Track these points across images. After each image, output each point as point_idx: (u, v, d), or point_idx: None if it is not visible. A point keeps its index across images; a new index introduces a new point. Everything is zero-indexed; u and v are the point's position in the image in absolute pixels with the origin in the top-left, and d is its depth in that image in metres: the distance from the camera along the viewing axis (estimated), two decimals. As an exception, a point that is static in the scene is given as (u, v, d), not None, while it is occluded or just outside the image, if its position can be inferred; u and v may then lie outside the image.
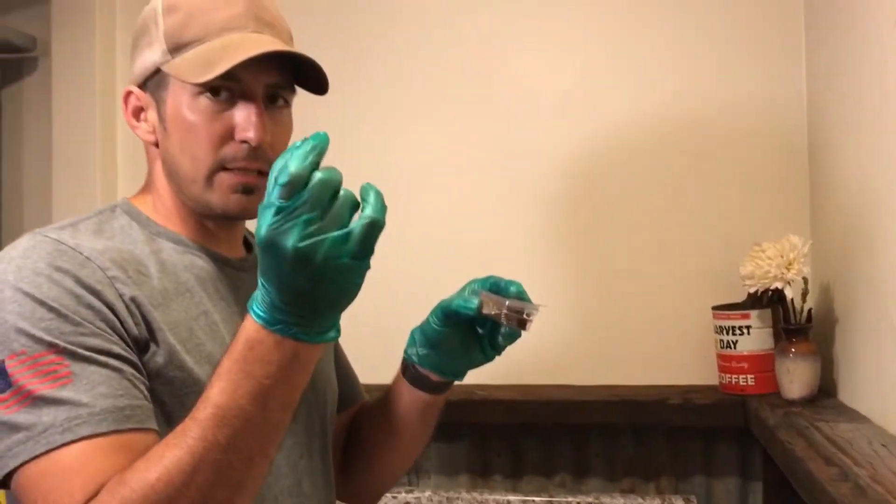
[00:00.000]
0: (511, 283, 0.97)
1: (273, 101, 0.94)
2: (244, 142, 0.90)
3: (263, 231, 0.70)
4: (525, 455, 1.75)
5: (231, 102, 0.90)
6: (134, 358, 0.82)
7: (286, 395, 0.76)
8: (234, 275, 0.98)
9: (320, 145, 0.71)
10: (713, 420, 1.57)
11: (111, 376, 0.79)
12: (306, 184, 0.69)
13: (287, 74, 0.93)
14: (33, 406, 0.76)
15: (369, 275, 0.74)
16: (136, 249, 0.91)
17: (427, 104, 1.80)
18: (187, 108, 0.90)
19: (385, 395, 1.09)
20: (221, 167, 0.90)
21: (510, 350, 1.67)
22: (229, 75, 0.87)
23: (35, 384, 0.76)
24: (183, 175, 0.92)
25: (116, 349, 0.81)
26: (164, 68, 0.91)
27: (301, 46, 0.95)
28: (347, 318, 0.79)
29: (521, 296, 0.96)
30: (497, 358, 1.05)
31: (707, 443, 1.67)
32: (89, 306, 0.81)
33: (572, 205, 1.74)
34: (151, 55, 0.93)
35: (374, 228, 0.71)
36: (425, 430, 1.09)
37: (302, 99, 0.99)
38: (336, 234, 0.70)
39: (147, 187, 0.99)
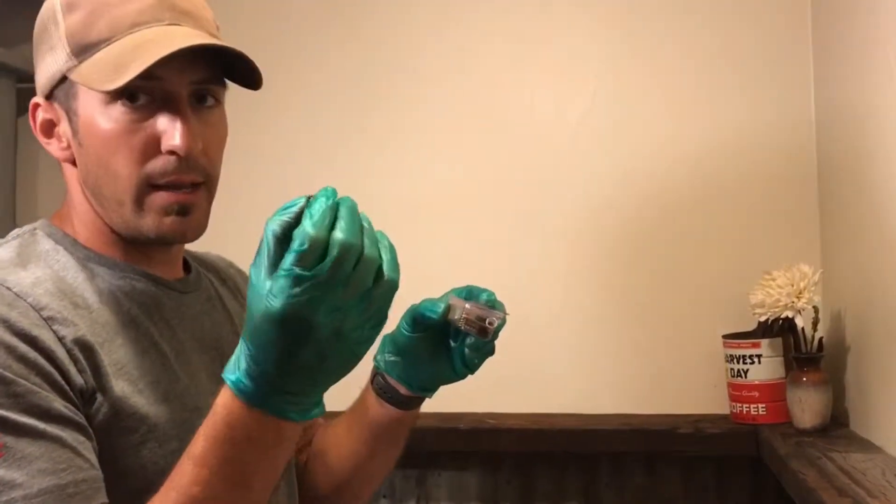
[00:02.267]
0: (483, 290, 0.89)
1: (201, 101, 0.82)
2: (172, 152, 0.78)
3: (282, 303, 0.60)
4: (535, 483, 1.74)
5: (152, 108, 0.78)
6: (77, 416, 0.71)
7: (270, 476, 0.69)
8: (177, 299, 0.87)
9: (337, 202, 0.63)
10: (724, 449, 1.56)
11: (49, 448, 0.67)
12: (326, 248, 0.60)
13: (215, 68, 0.81)
14: None
15: None
16: (68, 277, 0.79)
17: (441, 135, 1.81)
18: (102, 118, 0.78)
19: (351, 409, 1.00)
20: (149, 185, 0.79)
21: (520, 378, 1.69)
22: (146, 76, 0.74)
23: None
24: (108, 196, 0.80)
25: (56, 409, 0.69)
26: (71, 75, 0.79)
27: (319, 77, 0.89)
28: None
29: (492, 304, 0.88)
30: (506, 386, 0.99)
31: (719, 472, 1.66)
32: (22, 359, 0.69)
33: (583, 234, 1.74)
34: (55, 61, 0.80)
35: (392, 292, 0.64)
36: (392, 450, 1.00)
37: (314, 127, 0.97)
38: (360, 304, 0.62)
39: (67, 208, 0.86)
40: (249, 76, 0.82)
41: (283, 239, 0.62)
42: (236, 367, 0.65)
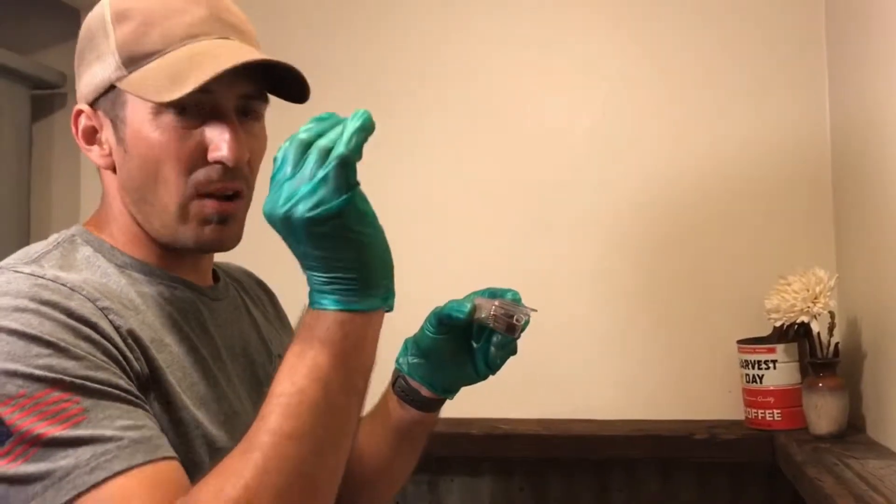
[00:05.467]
0: (507, 290, 0.91)
1: (246, 115, 0.85)
2: (218, 162, 0.81)
3: (303, 210, 0.66)
4: (548, 490, 1.73)
5: (200, 118, 0.81)
6: (141, 398, 0.73)
7: (344, 377, 0.70)
8: (211, 305, 0.90)
9: (369, 127, 0.70)
10: (739, 456, 1.55)
11: (128, 409, 0.70)
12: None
13: (260, 84, 0.84)
14: (44, 452, 0.65)
15: (396, 305, 0.74)
16: (111, 282, 0.81)
17: (454, 140, 1.81)
18: (151, 127, 0.80)
19: (370, 413, 1.00)
20: (195, 193, 0.82)
21: (533, 383, 1.68)
22: (201, 89, 0.77)
23: (42, 427, 0.66)
24: (152, 203, 0.82)
25: (123, 385, 0.71)
26: (121, 85, 0.81)
27: (331, 81, 0.91)
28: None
29: (517, 302, 0.90)
30: (519, 391, 1.01)
31: (733, 479, 1.65)
32: (88, 338, 0.71)
33: (596, 240, 1.74)
34: (103, 70, 0.82)
35: (344, 167, 0.67)
36: (413, 452, 1.01)
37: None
38: (304, 188, 0.66)
39: (104, 214, 0.88)
40: (297, 91, 0.85)
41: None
42: (312, 292, 0.70)
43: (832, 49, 1.63)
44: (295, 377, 0.69)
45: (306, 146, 0.68)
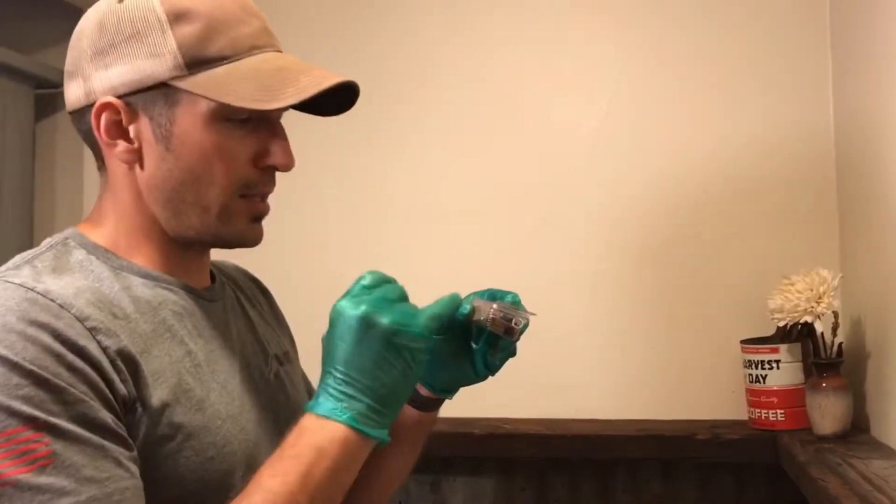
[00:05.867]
0: (507, 292, 0.91)
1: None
2: (270, 167, 0.85)
3: (361, 306, 0.76)
4: (550, 490, 1.73)
5: (251, 125, 0.84)
6: (119, 428, 0.72)
7: (331, 490, 0.76)
8: (206, 307, 0.89)
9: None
10: (743, 456, 1.55)
11: (95, 456, 0.69)
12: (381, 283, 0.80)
13: None
14: (3, 493, 0.65)
15: None
16: (104, 287, 0.80)
17: (459, 141, 1.81)
18: (206, 129, 0.81)
19: None
20: (238, 194, 0.85)
21: (535, 383, 1.68)
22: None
23: (7, 466, 0.65)
24: (190, 202, 0.83)
25: (101, 419, 0.70)
26: (181, 84, 0.81)
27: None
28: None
29: (516, 305, 0.90)
30: (522, 391, 1.00)
31: (737, 479, 1.64)
32: (71, 367, 0.70)
33: (600, 240, 1.73)
34: (152, 66, 0.81)
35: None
36: (412, 453, 1.02)
37: (332, 136, 0.99)
38: (406, 318, 0.77)
39: (102, 215, 0.87)
40: (337, 107, 0.91)
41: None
42: (326, 396, 0.76)
43: (836, 49, 1.63)
44: (288, 478, 0.73)
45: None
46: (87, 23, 0.85)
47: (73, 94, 0.86)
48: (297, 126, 0.82)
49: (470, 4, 1.82)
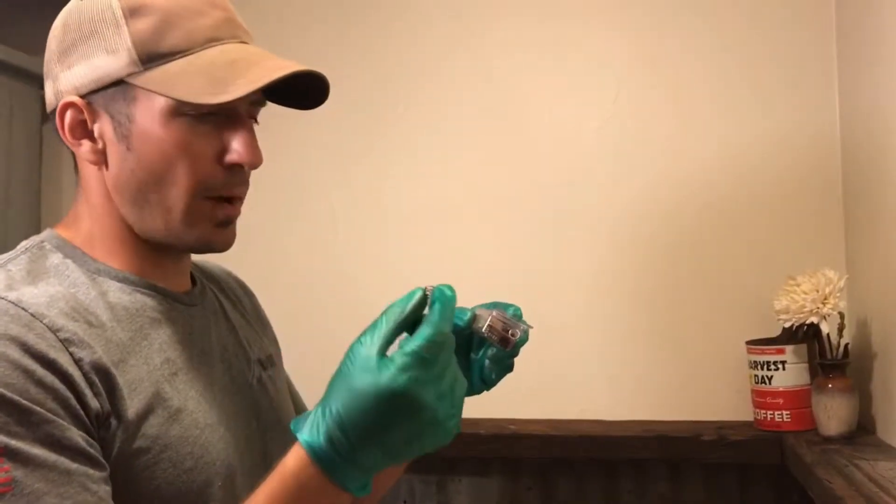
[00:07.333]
0: (510, 305, 0.88)
1: (250, 118, 0.84)
2: (234, 166, 0.80)
3: (404, 381, 0.66)
4: (556, 490, 1.73)
5: (215, 121, 0.80)
6: (90, 447, 0.69)
7: None
8: (185, 312, 0.86)
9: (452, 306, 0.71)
10: (748, 457, 1.55)
11: (58, 482, 0.66)
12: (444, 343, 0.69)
13: (265, 91, 0.82)
14: None
15: None
16: (80, 294, 0.77)
17: (462, 141, 1.81)
18: (164, 126, 0.78)
19: None
20: (204, 195, 0.80)
21: (541, 384, 1.68)
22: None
23: None
24: (154, 202, 0.80)
25: (69, 439, 0.67)
26: (136, 81, 0.77)
27: (343, 82, 0.88)
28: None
29: (518, 318, 0.87)
30: (527, 391, 0.97)
31: (742, 480, 1.64)
32: (39, 383, 0.67)
33: (605, 240, 1.73)
34: (109, 63, 0.78)
35: (463, 393, 0.74)
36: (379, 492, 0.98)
37: (336, 136, 0.98)
38: (451, 394, 0.70)
39: (78, 217, 0.85)
40: (312, 100, 0.85)
41: (401, 325, 0.70)
42: (315, 430, 0.68)
43: (842, 49, 1.62)
44: None
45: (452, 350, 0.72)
46: (56, 23, 0.83)
47: (48, 96, 0.85)
48: (307, 126, 0.81)
49: (476, 9, 1.82)
